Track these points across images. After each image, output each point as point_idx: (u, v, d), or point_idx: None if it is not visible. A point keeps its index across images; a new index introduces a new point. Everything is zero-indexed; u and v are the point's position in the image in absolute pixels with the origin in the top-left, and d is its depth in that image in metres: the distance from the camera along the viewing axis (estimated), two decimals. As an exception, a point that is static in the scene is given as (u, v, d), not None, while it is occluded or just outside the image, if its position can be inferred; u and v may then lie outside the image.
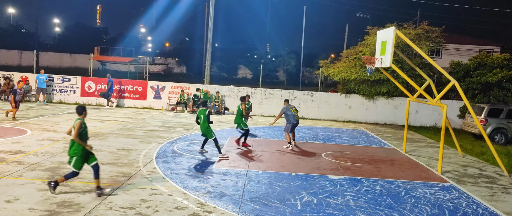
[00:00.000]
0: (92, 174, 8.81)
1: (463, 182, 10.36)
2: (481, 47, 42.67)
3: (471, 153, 14.68)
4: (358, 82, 22.62)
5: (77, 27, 69.61)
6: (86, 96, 22.88)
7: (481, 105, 18.42)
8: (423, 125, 22.60)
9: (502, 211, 8.22)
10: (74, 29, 69.22)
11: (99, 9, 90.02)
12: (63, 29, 74.32)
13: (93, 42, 58.49)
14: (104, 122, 16.54)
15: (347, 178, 10.02)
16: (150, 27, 78.99)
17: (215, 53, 54.20)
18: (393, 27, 11.76)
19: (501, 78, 20.15)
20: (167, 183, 8.62)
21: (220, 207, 7.39)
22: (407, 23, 23.70)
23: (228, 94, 23.27)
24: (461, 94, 11.63)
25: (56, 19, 77.40)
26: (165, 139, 13.65)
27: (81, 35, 64.83)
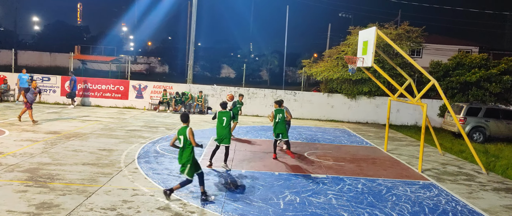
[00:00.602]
0: (75, 175, 8.72)
1: (442, 180, 10.54)
2: (460, 47, 43.50)
3: (450, 151, 14.95)
4: (340, 82, 22.80)
5: (57, 25, 68.41)
6: (67, 96, 22.50)
7: (460, 104, 18.77)
8: (404, 124, 22.91)
9: (480, 208, 8.40)
10: (54, 27, 68.01)
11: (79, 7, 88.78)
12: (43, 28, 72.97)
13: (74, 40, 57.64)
14: (85, 122, 16.30)
15: (329, 177, 10.09)
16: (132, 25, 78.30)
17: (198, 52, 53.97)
18: (374, 27, 11.88)
19: (479, 77, 20.56)
20: (149, 184, 8.55)
21: (202, 207, 7.36)
22: (388, 23, 23.99)
23: (211, 94, 23.19)
24: (441, 93, 11.84)
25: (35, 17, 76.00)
26: (148, 139, 13.53)
27: (61, 34, 63.76)
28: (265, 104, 23.10)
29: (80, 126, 15.33)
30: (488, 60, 21.82)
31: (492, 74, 20.67)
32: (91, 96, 22.63)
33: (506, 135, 17.89)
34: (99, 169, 9.42)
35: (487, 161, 13.22)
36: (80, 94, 22.54)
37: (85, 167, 9.50)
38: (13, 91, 22.16)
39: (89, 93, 22.70)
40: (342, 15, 53.20)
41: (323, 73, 22.73)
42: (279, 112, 11.53)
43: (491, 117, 17.88)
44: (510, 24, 66.73)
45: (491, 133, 17.77)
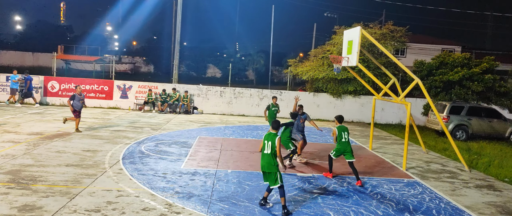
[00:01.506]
0: (58, 177, 8.61)
1: (426, 178, 10.67)
2: (444, 47, 44.11)
3: (434, 149, 15.15)
4: (326, 81, 22.92)
5: (39, 25, 67.22)
6: (50, 96, 22.17)
7: (444, 102, 19.04)
8: (388, 122, 23.15)
9: (463, 205, 8.53)
10: (37, 27, 66.81)
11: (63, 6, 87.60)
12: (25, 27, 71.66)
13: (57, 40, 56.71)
14: (68, 123, 16.06)
15: (315, 176, 10.14)
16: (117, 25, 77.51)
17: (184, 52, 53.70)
18: (359, 27, 11.97)
19: (462, 76, 20.91)
20: (134, 184, 8.47)
21: (188, 208, 7.33)
22: (373, 23, 24.20)
23: (196, 93, 23.10)
24: (424, 92, 11.98)
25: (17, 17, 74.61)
26: (132, 140, 13.40)
27: (44, 33, 62.67)
28: (251, 103, 23.10)
29: (64, 126, 15.11)
30: (470, 60, 22.20)
31: (474, 73, 21.03)
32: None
33: (488, 133, 18.21)
34: (83, 170, 9.30)
35: (470, 158, 13.44)
36: (63, 94, 22.22)
37: (68, 168, 9.37)
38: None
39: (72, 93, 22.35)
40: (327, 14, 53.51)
41: (308, 73, 22.83)
42: (344, 130, 9.86)
43: (473, 115, 18.17)
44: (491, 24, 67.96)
45: (474, 131, 18.07)
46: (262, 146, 7.57)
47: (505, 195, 9.48)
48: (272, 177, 7.35)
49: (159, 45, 61.14)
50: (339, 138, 9.77)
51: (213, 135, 15.56)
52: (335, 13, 53.24)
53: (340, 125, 9.94)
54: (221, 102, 23.05)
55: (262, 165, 7.45)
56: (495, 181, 10.81)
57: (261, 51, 63.22)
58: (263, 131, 17.32)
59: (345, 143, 9.73)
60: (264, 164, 7.40)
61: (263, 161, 7.43)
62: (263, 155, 7.46)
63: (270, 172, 7.35)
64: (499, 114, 18.69)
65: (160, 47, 59.81)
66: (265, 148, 7.44)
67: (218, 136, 15.35)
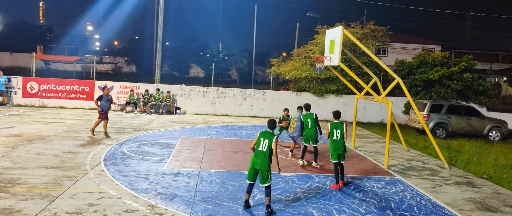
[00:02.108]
0: (38, 179, 8.48)
1: (408, 176, 10.82)
2: (424, 46, 44.80)
3: (415, 147, 15.38)
4: (308, 80, 23.04)
5: (18, 24, 65.81)
6: (29, 97, 21.75)
7: (424, 101, 19.34)
8: (370, 121, 23.40)
9: (443, 201, 8.67)
10: (15, 26, 65.39)
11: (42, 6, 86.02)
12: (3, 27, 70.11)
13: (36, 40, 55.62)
14: (48, 124, 15.80)
15: (298, 175, 10.18)
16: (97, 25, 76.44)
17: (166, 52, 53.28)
18: (341, 26, 12.06)
19: (442, 75, 21.26)
20: (116, 186, 8.37)
21: (171, 209, 7.28)
22: (355, 23, 24.44)
23: (179, 94, 22.96)
24: (405, 91, 12.15)
25: (-6, 16, 72.94)
26: (114, 141, 13.24)
27: (23, 33, 61.40)
28: (235, 103, 23.07)
29: (44, 128, 14.84)
30: (449, 59, 22.60)
31: (453, 72, 21.41)
32: (54, 97, 21.95)
33: (467, 131, 18.57)
34: (63, 172, 9.15)
35: (450, 156, 13.68)
36: (43, 95, 21.83)
37: (48, 170, 9.20)
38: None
39: (52, 94, 22.00)
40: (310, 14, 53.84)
41: (291, 72, 22.92)
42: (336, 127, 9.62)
43: (453, 113, 18.50)
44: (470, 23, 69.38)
45: (453, 129, 18.40)
46: (255, 142, 7.48)
47: (483, 192, 9.68)
48: (265, 174, 7.32)
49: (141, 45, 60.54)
50: (330, 135, 9.49)
51: (196, 135, 15.48)
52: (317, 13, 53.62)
53: (334, 121, 9.71)
54: (204, 102, 22.96)
55: (255, 162, 7.37)
56: (474, 178, 11.02)
57: (244, 51, 63.16)
58: (247, 131, 17.33)
59: (337, 141, 9.42)
60: (258, 161, 7.33)
61: (257, 158, 7.36)
62: (258, 152, 7.38)
63: (262, 170, 7.32)
64: (478, 112, 19.08)
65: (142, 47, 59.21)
66: (260, 146, 7.38)
67: (201, 136, 15.29)
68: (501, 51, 50.40)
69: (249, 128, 18.33)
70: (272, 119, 7.71)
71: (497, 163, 12.92)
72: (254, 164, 7.39)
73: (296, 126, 11.93)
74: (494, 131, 18.61)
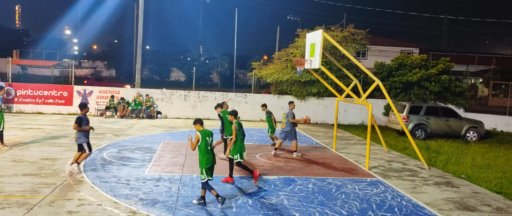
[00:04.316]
0: (15, 187, 8.30)
1: (388, 177, 10.96)
2: (402, 49, 45.58)
3: (395, 148, 15.58)
4: (290, 83, 23.15)
5: (-7, 28, 64.50)
6: (5, 103, 21.22)
7: (403, 103, 19.63)
8: (351, 123, 23.62)
9: (423, 201, 8.80)
10: (-10, 30, 64.05)
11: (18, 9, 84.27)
12: (-23, 31, 68.46)
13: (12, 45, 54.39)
14: (25, 131, 15.46)
15: (281, 178, 10.19)
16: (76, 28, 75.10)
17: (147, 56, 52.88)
18: (321, 30, 12.15)
19: (420, 77, 21.64)
20: (96, 192, 8.23)
21: (153, 214, 7.19)
22: (335, 26, 24.63)
23: (160, 98, 22.76)
24: (385, 93, 12.32)
25: (-32, 20, 71.11)
26: (94, 146, 13.00)
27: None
28: (216, 107, 22.95)
29: (20, 134, 14.51)
30: (427, 61, 23.03)
31: (431, 74, 21.81)
32: (31, 103, 21.51)
33: (445, 131, 18.91)
34: (41, 179, 8.95)
35: (429, 156, 13.91)
36: (20, 101, 21.38)
37: (26, 178, 8.99)
38: None
39: (29, 100, 21.55)
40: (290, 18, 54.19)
41: (273, 75, 22.98)
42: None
43: (431, 114, 18.83)
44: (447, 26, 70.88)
45: (432, 130, 18.72)
46: (205, 142, 7.95)
47: (462, 191, 9.86)
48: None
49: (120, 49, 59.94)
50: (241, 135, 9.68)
51: (177, 139, 15.36)
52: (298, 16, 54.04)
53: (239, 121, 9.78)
54: (185, 106, 22.83)
55: (205, 163, 7.93)
56: (453, 178, 11.23)
57: (226, 54, 63.16)
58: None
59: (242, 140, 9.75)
60: (207, 161, 7.97)
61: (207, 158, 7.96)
62: (210, 150, 8.02)
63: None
64: (456, 113, 19.47)
65: (121, 50, 58.63)
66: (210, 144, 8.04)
67: (183, 140, 15.18)
68: (477, 53, 51.62)
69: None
70: (199, 119, 8.27)
71: (474, 163, 13.19)
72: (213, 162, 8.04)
73: (287, 122, 13.18)
74: (471, 131, 19.01)
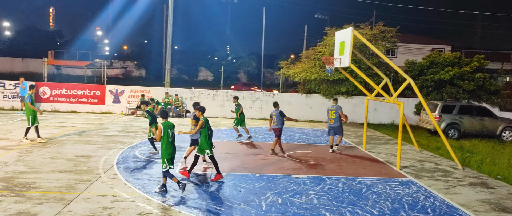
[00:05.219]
0: (52, 183, 8.57)
1: (420, 177, 10.74)
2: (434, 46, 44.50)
3: (427, 148, 15.25)
4: (318, 82, 23.00)
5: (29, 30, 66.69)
6: (41, 102, 21.99)
7: (435, 102, 19.19)
8: (381, 122, 23.26)
9: (457, 202, 8.59)
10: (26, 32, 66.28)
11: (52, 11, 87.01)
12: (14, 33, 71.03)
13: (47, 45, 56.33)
14: (60, 129, 15.96)
15: (310, 177, 10.15)
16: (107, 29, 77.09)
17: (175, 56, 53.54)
18: (351, 28, 12.03)
19: (453, 75, 21.07)
20: (129, 189, 8.42)
21: (184, 211, 7.30)
22: (364, 24, 24.36)
23: (189, 97, 23.05)
24: (417, 91, 12.06)
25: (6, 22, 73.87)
26: (126, 144, 13.33)
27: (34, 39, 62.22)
28: (244, 106, 23.01)
29: (56, 132, 14.99)
30: (460, 59, 22.38)
31: (465, 72, 21.20)
32: (66, 102, 22.17)
33: (480, 131, 18.38)
34: (77, 176, 9.23)
35: (463, 156, 13.55)
36: (55, 100, 22.07)
37: (62, 174, 9.29)
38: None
39: (64, 99, 22.22)
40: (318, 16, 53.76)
41: (301, 74, 22.90)
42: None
43: (465, 114, 18.33)
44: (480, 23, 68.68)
45: (466, 129, 18.22)
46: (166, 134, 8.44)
47: (498, 192, 9.57)
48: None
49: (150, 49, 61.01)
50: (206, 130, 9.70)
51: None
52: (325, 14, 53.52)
53: (204, 117, 9.75)
54: (213, 105, 23.02)
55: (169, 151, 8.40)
56: (488, 179, 10.90)
57: (253, 54, 63.36)
58: (256, 133, 17.33)
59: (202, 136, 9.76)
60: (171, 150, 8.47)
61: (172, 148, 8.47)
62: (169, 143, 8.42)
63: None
64: (490, 112, 18.88)
65: (151, 51, 59.67)
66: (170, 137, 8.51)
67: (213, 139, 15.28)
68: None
69: (259, 130, 18.33)
70: (164, 110, 8.96)
71: (511, 163, 12.76)
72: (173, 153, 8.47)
73: (336, 117, 13.36)
74: (507, 131, 18.40)
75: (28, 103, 12.79)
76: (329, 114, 13.65)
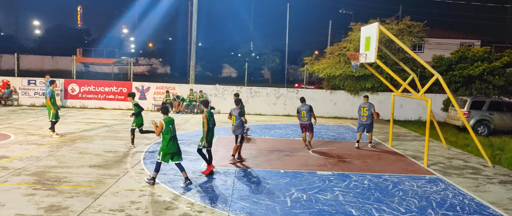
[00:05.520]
0: (82, 178, 8.80)
1: (449, 174, 10.52)
2: (462, 41, 43.37)
3: (455, 145, 14.92)
4: (343, 78, 22.78)
5: (57, 29, 68.56)
6: (70, 99, 22.56)
7: (464, 97, 18.73)
8: (407, 119, 22.88)
9: (487, 201, 8.38)
10: (55, 31, 68.16)
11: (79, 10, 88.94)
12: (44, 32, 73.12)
13: (75, 43, 57.74)
14: (89, 125, 16.34)
15: (335, 174, 10.09)
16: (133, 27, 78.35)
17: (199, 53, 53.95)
18: (376, 23, 11.86)
19: (482, 71, 20.53)
20: (156, 184, 8.56)
21: (210, 206, 7.38)
22: (390, 19, 23.94)
23: (213, 93, 23.21)
24: (445, 87, 11.80)
25: (36, 21, 76.10)
26: (152, 140, 13.54)
27: (62, 37, 63.91)
28: (268, 102, 23.12)
29: (85, 128, 15.37)
30: (490, 53, 21.79)
31: (495, 67, 20.64)
32: (94, 99, 22.66)
33: (511, 128, 17.84)
34: (105, 170, 9.45)
35: (493, 154, 13.19)
36: (83, 96, 22.60)
37: (91, 169, 9.53)
38: (16, 95, 22.19)
39: (92, 96, 22.72)
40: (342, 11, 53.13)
41: (325, 70, 22.73)
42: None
43: (495, 110, 17.83)
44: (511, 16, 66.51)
45: (496, 126, 17.73)
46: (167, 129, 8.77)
47: (530, 191, 9.28)
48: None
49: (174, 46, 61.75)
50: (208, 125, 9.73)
51: (231, 134, 15.56)
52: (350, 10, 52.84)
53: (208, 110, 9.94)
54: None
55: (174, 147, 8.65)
56: (520, 177, 10.60)
57: (276, 50, 63.18)
58: (281, 130, 17.33)
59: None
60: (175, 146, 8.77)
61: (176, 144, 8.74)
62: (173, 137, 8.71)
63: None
64: (522, 108, 18.30)
65: (175, 48, 60.38)
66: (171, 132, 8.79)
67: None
68: (546, 45, 48.11)
69: (283, 127, 18.32)
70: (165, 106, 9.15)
71: (544, 161, 12.36)
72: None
73: (369, 114, 13.35)
74: (540, 128, 17.80)
75: (47, 98, 13.23)
76: (362, 111, 13.55)
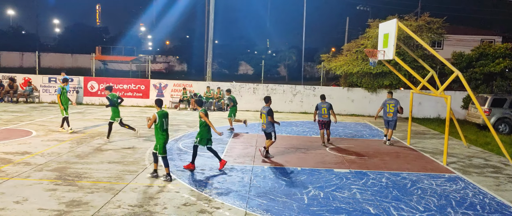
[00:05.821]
0: (101, 173, 8.93)
1: (469, 173, 10.36)
2: (483, 37, 42.52)
3: (475, 143, 14.68)
4: (360, 75, 22.59)
5: (77, 27, 69.62)
6: (89, 96, 22.92)
7: (485, 95, 18.38)
8: (426, 116, 22.57)
9: (508, 200, 8.23)
10: (74, 29, 69.24)
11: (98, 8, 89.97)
12: (63, 30, 74.33)
13: (94, 41, 58.60)
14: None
15: (352, 171, 10.04)
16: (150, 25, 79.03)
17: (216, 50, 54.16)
18: (395, 19, 11.73)
19: (504, 68, 20.12)
20: (174, 180, 8.66)
21: (227, 203, 7.42)
22: (408, 15, 23.61)
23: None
24: (465, 84, 11.60)
25: (56, 20, 77.41)
26: (170, 137, 13.62)
27: (82, 35, 64.89)
28: (285, 100, 23.09)
29: (104, 125, 15.59)
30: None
31: (517, 64, 20.19)
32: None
33: (533, 126, 17.44)
34: (124, 167, 9.59)
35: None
36: (102, 94, 22.94)
37: (111, 165, 9.68)
38: (37, 93, 22.65)
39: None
40: (359, 8, 52.63)
41: (342, 67, 22.57)
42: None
43: (517, 107, 17.44)
44: (534, 12, 64.84)
45: (517, 124, 17.35)
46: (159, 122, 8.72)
47: (554, 190, 9.08)
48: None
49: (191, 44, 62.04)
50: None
51: (247, 131, 15.65)
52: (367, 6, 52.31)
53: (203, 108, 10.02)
54: (254, 99, 23.14)
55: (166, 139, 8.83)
56: (543, 176, 10.37)
57: (293, 47, 63.00)
58: (297, 127, 17.30)
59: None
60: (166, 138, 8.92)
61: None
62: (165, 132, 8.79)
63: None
64: (545, 106, 17.85)
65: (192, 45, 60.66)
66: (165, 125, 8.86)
67: (253, 132, 15.44)
68: None
69: (300, 124, 18.28)
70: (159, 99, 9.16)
71: None
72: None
73: (395, 111, 13.47)
74: None
75: (57, 95, 13.52)
76: (388, 107, 13.66)
